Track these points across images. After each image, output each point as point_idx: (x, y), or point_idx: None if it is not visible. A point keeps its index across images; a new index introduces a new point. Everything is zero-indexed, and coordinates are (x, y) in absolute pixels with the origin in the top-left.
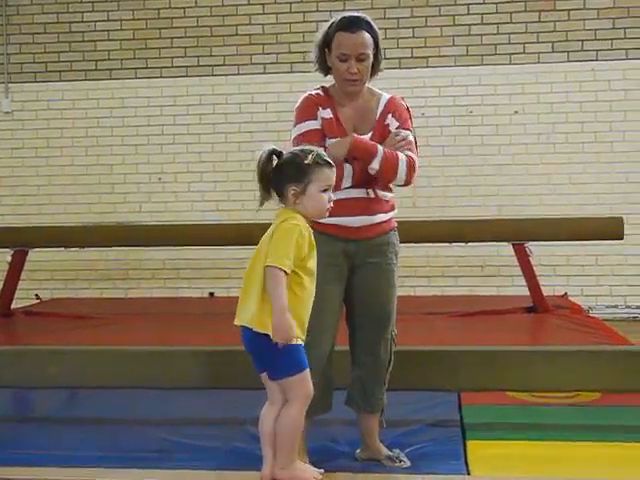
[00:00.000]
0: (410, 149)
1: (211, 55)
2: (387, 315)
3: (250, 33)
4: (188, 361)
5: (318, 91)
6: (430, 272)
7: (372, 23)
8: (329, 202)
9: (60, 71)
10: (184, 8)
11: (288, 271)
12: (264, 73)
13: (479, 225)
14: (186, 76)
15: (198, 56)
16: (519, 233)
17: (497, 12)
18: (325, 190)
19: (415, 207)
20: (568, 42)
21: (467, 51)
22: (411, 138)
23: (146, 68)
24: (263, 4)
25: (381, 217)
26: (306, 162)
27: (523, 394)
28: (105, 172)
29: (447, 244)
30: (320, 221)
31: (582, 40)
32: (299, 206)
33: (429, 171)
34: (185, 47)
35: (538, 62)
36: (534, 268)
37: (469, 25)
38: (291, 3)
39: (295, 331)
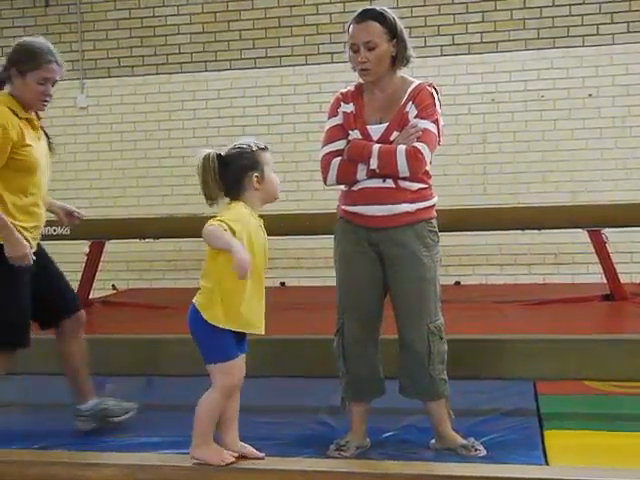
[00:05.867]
0: (423, 140)
1: (279, 46)
2: (417, 308)
3: (318, 23)
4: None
5: (350, 87)
6: (502, 260)
7: (387, 13)
8: (279, 184)
9: (132, 66)
10: (252, 0)
11: (224, 225)
12: (332, 62)
13: (553, 211)
14: (254, 67)
15: (266, 47)
16: (594, 219)
17: None
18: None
19: (486, 194)
20: None
21: (538, 34)
22: (427, 126)
23: (215, 61)
24: None
25: (405, 207)
26: (253, 150)
27: (602, 383)
28: (177, 164)
29: (519, 231)
30: (345, 209)
31: None
32: (259, 192)
33: (500, 157)
34: (253, 39)
35: (613, 43)
36: (611, 255)
37: (540, 7)
38: None
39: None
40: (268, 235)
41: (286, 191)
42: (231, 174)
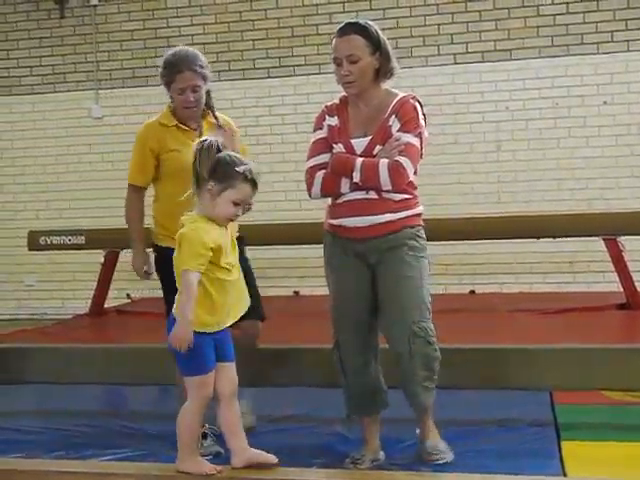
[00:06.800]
0: (405, 153)
1: (292, 55)
2: (399, 306)
3: (331, 32)
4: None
5: (335, 100)
6: (517, 268)
7: (370, 27)
8: (234, 215)
9: (147, 76)
10: (265, 10)
11: (200, 270)
12: None
13: (568, 219)
14: (268, 77)
15: (279, 57)
16: (610, 227)
17: (583, 1)
18: (237, 204)
19: (500, 202)
20: None
21: (552, 42)
22: (410, 140)
23: (229, 70)
24: (343, 3)
25: (389, 217)
26: (237, 169)
27: (620, 394)
28: None
29: (534, 239)
30: (330, 222)
31: None
32: (209, 205)
33: (515, 165)
34: (266, 48)
35: (628, 50)
36: (627, 263)
37: (554, 15)
38: (370, 1)
39: (186, 343)
40: (283, 244)
41: (301, 200)
42: (205, 168)
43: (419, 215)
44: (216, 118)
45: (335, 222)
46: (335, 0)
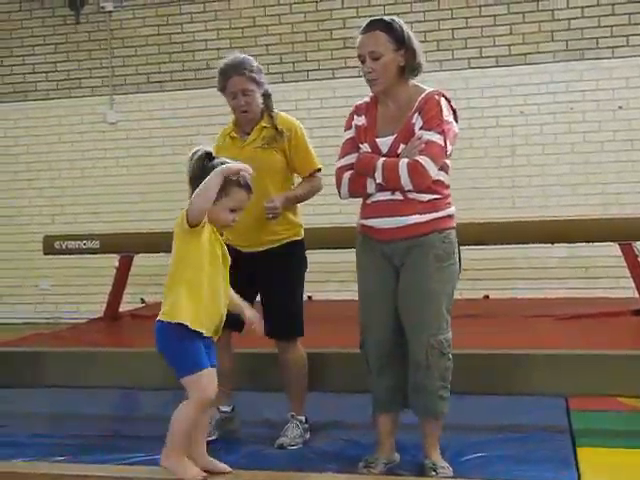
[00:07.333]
0: (426, 152)
1: (306, 60)
2: (418, 319)
3: (345, 37)
4: None
5: (366, 98)
6: (531, 274)
7: (394, 23)
8: (232, 222)
9: (161, 82)
10: (279, 15)
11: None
12: (359, 76)
13: (583, 224)
14: (282, 82)
15: (293, 62)
16: (626, 232)
17: (598, 5)
18: (234, 210)
19: (514, 207)
20: None
21: (567, 46)
22: (432, 138)
23: None
24: (357, 7)
25: (416, 218)
26: (232, 177)
27: (635, 400)
28: None
29: (549, 245)
30: (361, 222)
31: None
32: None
33: (529, 170)
34: (280, 53)
35: None
36: None
37: (569, 19)
38: (384, 5)
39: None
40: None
41: (314, 205)
42: (200, 176)
43: (450, 217)
44: (273, 121)
45: (364, 222)
46: (349, 5)
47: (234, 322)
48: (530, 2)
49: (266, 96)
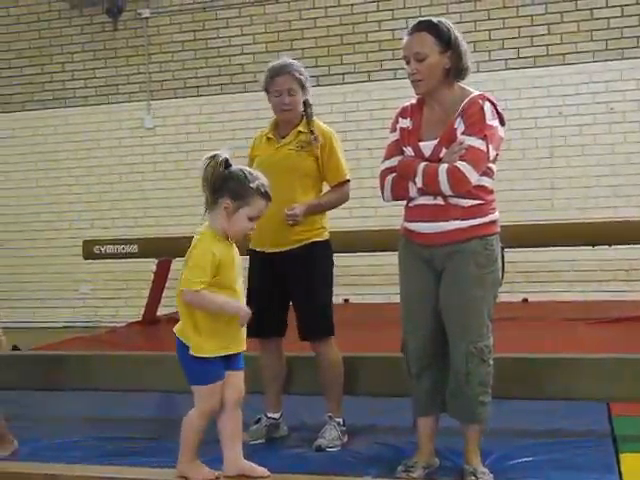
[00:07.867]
0: (467, 158)
1: (342, 63)
2: (459, 326)
3: (380, 39)
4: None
5: (412, 100)
6: (571, 276)
7: (441, 25)
8: (250, 230)
9: (198, 86)
10: (314, 19)
11: (200, 287)
12: (394, 79)
13: (624, 226)
14: (317, 85)
15: (329, 65)
16: None
17: (637, 3)
18: (252, 219)
19: (554, 209)
20: None
21: (606, 45)
22: (473, 144)
23: None
24: (392, 10)
25: (457, 224)
26: (251, 185)
27: None
28: None
29: (589, 247)
30: (404, 225)
31: None
32: (224, 222)
33: (569, 172)
34: (316, 57)
35: None
36: None
37: (608, 18)
38: (420, 7)
39: (244, 311)
40: (335, 252)
41: (350, 208)
42: (219, 184)
43: (493, 223)
44: (310, 126)
45: (407, 225)
46: (384, 8)
47: (277, 328)
48: (569, 1)
49: (307, 104)
